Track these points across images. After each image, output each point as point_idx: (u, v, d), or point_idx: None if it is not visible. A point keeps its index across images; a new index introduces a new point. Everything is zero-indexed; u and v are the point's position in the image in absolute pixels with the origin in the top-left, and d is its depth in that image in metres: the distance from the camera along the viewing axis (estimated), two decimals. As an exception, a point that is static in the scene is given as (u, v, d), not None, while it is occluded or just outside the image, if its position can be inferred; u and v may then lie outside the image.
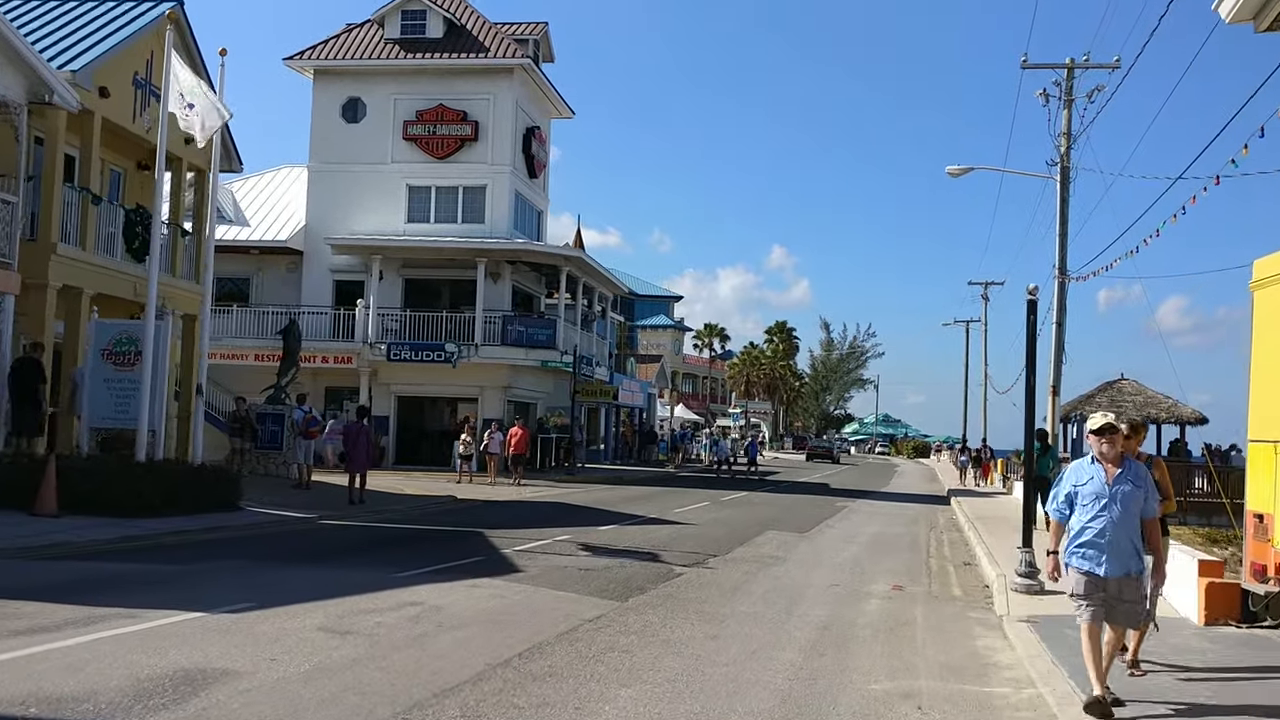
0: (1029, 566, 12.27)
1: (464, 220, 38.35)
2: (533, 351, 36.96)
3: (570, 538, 16.96)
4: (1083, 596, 7.14)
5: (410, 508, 21.64)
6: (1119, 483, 7.09)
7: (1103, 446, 7.16)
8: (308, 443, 22.46)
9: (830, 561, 16.04)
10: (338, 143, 38.91)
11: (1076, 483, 7.28)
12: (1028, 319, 12.37)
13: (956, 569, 16.25)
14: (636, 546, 16.30)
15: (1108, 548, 7.01)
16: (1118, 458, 7.19)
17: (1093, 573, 7.06)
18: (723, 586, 12.60)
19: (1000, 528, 22.15)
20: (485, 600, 10.56)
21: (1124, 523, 7.04)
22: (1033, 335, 12.34)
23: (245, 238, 38.75)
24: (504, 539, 16.42)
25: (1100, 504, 7.06)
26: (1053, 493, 7.51)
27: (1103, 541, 7.02)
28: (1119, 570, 7.04)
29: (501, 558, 14.11)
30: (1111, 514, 7.03)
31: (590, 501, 25.36)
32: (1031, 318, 12.33)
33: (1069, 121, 30.02)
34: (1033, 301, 12.42)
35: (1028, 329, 12.38)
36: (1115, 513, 7.03)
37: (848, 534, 20.93)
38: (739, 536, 18.88)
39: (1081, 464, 7.40)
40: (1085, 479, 7.23)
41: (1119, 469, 7.15)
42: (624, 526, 19.53)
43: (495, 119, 38.29)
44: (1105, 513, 7.04)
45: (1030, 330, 12.36)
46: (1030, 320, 12.33)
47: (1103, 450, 7.17)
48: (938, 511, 29.10)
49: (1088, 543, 7.09)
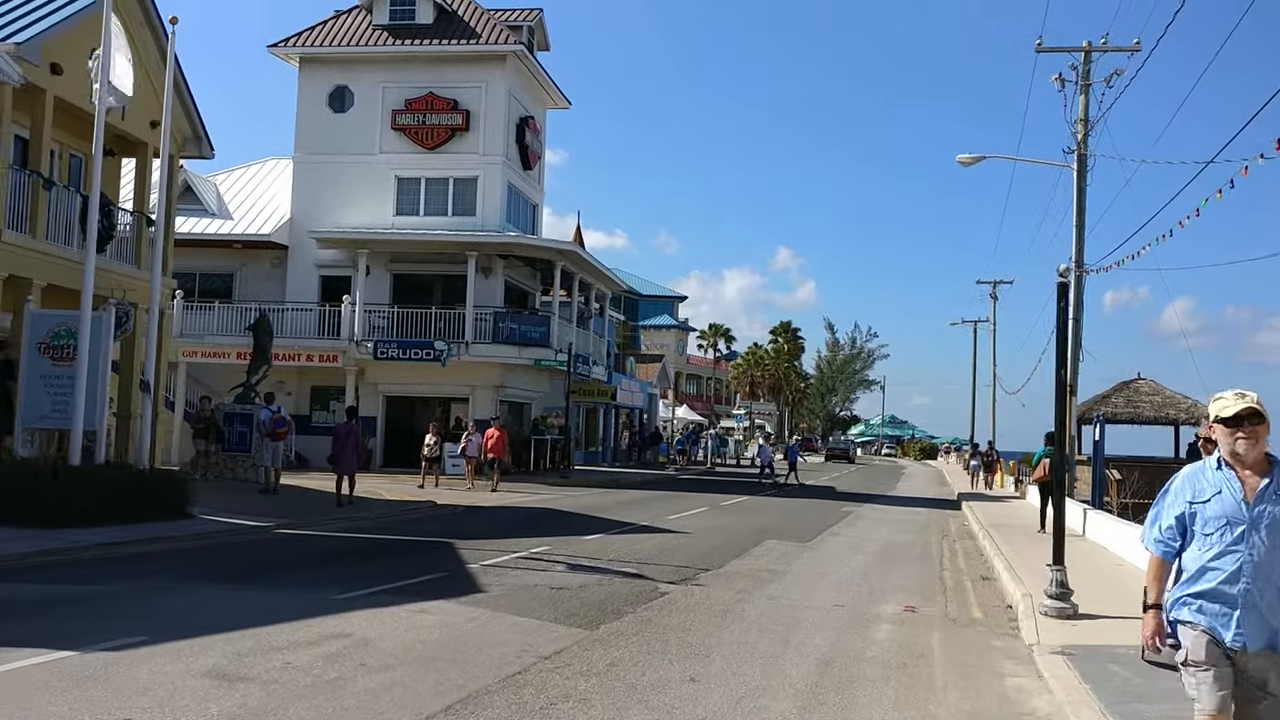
0: (1060, 586, 10.73)
1: (454, 213, 36.87)
2: (526, 350, 35.47)
3: (549, 549, 15.45)
4: (1201, 671, 4.55)
5: (384, 514, 20.15)
6: (1266, 500, 4.53)
7: (1238, 444, 4.56)
8: (275, 444, 20.96)
9: (834, 576, 14.51)
10: (324, 133, 37.45)
11: (1193, 498, 4.69)
12: (1058, 305, 10.84)
13: (974, 584, 14.72)
14: (621, 559, 14.79)
15: (1246, 601, 4.49)
16: (1263, 461, 4.59)
17: (1218, 638, 4.53)
18: (711, 609, 11.08)
19: (1017, 536, 20.63)
20: (428, 630, 9.04)
21: (1274, 563, 4.49)
22: (1064, 323, 10.81)
23: (228, 232, 37.32)
24: (475, 551, 14.92)
25: (1235, 532, 4.52)
26: (1152, 513, 4.95)
27: (1237, 591, 4.50)
28: (1263, 640, 4.49)
29: (465, 574, 12.60)
30: (1254, 549, 4.49)
31: (580, 507, 23.85)
32: (1062, 303, 10.80)
33: (1086, 107, 28.55)
34: (1064, 285, 10.90)
35: (1058, 316, 10.85)
36: (1260, 547, 4.49)
37: (854, 543, 19.40)
38: (736, 547, 17.36)
39: (1200, 470, 4.77)
40: (1207, 493, 4.65)
41: (1266, 479, 4.56)
42: (611, 535, 18.01)
43: (487, 108, 36.80)
44: (1242, 546, 4.51)
45: (1061, 317, 10.84)
46: (1061, 306, 10.80)
47: (1237, 450, 4.57)
48: (948, 517, 27.54)
49: (1213, 592, 4.56)
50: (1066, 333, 10.80)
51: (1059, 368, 10.67)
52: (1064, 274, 10.51)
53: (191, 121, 24.60)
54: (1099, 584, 13.06)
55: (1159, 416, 38.70)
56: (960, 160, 30.64)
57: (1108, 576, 14.05)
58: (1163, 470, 35.55)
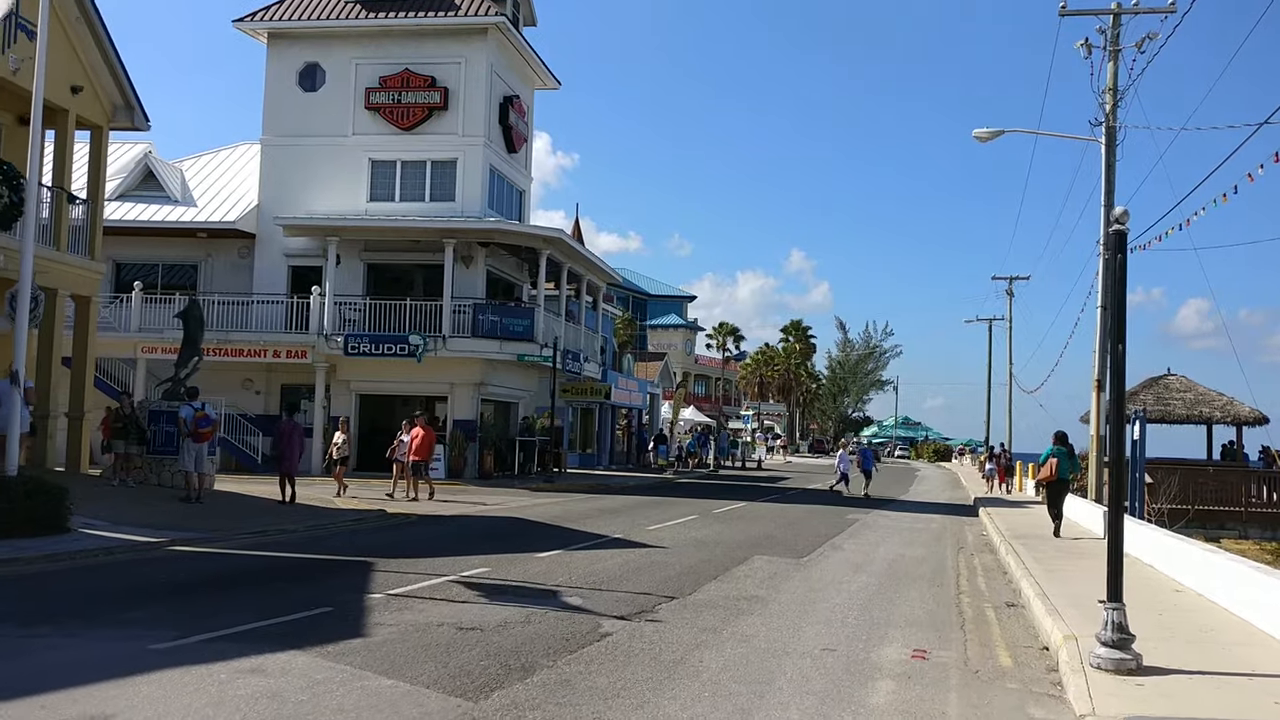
0: (1118, 631, 8.12)
1: (432, 198, 34.37)
2: (508, 344, 32.91)
3: (488, 570, 12.89)
4: None
5: (319, 525, 17.59)
6: None
7: None
8: (199, 446, 18.43)
9: (828, 604, 11.90)
10: (294, 113, 35.01)
11: None
12: (1113, 259, 8.24)
13: (998, 613, 12.10)
14: (570, 584, 12.22)
15: None
16: None
17: None
18: (660, 659, 8.50)
19: (1044, 549, 18.00)
20: (236, 705, 6.48)
21: None
22: (1122, 281, 8.21)
23: (190, 219, 34.89)
24: (393, 574, 12.37)
25: None
26: None
27: None
28: None
29: (357, 609, 10.03)
30: None
31: (552, 516, 21.28)
32: (1120, 256, 8.20)
33: (1115, 75, 25.96)
34: (1120, 234, 8.29)
35: (1115, 274, 8.25)
36: None
37: (856, 559, 16.77)
38: (717, 565, 14.77)
39: None
40: None
41: None
42: (572, 551, 15.43)
43: (467, 85, 34.28)
44: None
45: (1118, 274, 8.23)
46: (1118, 260, 8.19)
47: None
48: (965, 525, 24.87)
49: None
50: (1124, 296, 8.20)
51: (1113, 341, 8.07)
52: (1120, 219, 7.88)
53: (121, 86, 22.15)
54: (1159, 620, 10.42)
55: (1191, 415, 35.93)
56: (977, 135, 28.03)
57: (1167, 608, 11.38)
58: (1199, 474, 32.96)
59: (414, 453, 22.32)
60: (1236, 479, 33.32)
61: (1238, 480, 33.16)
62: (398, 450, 22.72)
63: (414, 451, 22.32)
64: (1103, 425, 25.96)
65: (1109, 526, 8.13)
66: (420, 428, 22.38)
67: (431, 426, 23.30)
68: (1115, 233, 8.34)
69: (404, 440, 22.28)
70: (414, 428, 22.50)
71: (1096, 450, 25.47)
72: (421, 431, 22.34)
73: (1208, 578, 11.94)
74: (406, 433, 22.35)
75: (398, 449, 22.74)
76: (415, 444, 22.38)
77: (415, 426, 22.48)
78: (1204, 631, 9.90)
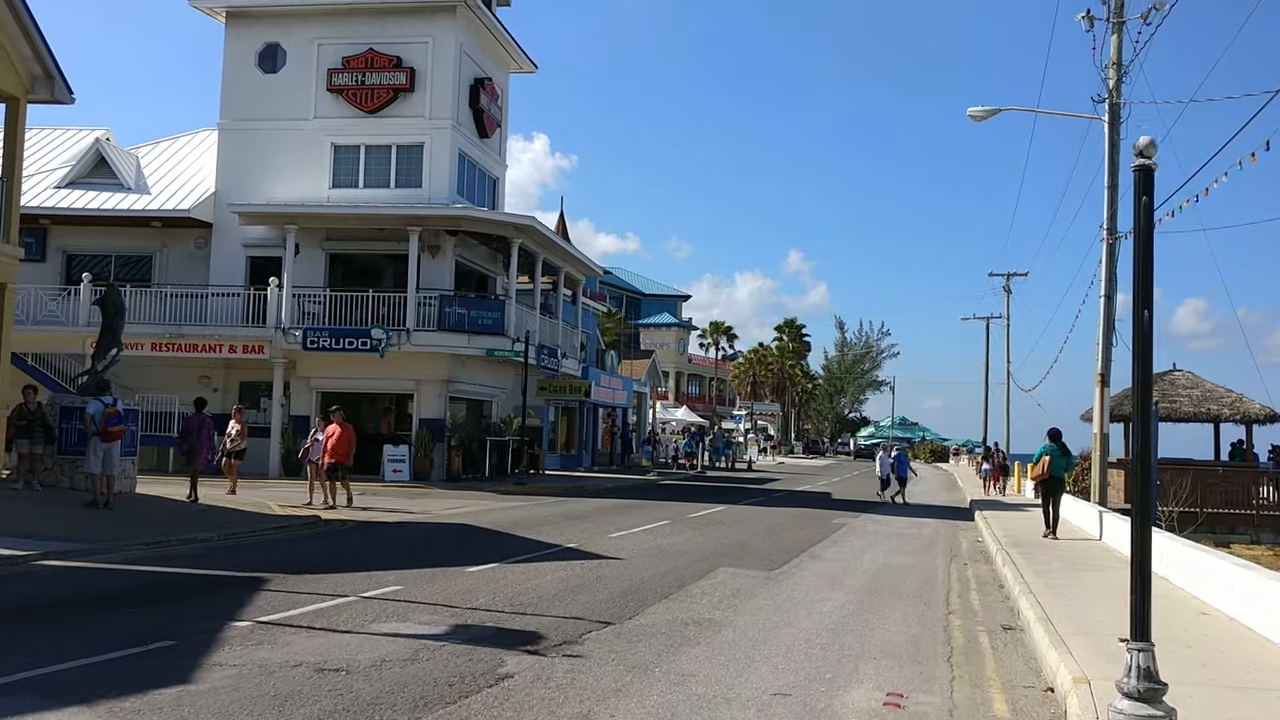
0: (1147, 680, 6.29)
1: (398, 184, 32.52)
2: (476, 338, 31.06)
3: (395, 591, 11.05)
4: None
5: (232, 533, 15.70)
6: None
7: None
8: (107, 446, 16.56)
9: (793, 632, 10.08)
10: (253, 96, 33.20)
11: None
12: (1137, 204, 6.43)
13: (993, 639, 10.30)
14: (490, 606, 10.40)
15: None
16: None
17: None
18: (559, 714, 6.68)
19: (1044, 558, 16.21)
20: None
21: None
22: (1148, 231, 6.39)
23: (143, 207, 33.04)
24: (279, 595, 10.54)
25: None
26: None
27: None
28: None
29: (203, 643, 8.18)
30: None
31: (507, 523, 19.45)
32: (1145, 199, 6.39)
33: (1119, 48, 24.28)
34: (1146, 170, 6.48)
35: (1141, 222, 6.43)
36: None
37: (836, 570, 14.95)
38: (674, 580, 12.95)
39: None
40: None
41: None
42: (510, 565, 13.59)
43: (434, 65, 32.44)
44: None
45: (1143, 222, 6.41)
46: (1143, 204, 6.38)
47: None
48: (959, 530, 23.07)
49: None
50: (1150, 248, 6.39)
51: (1139, 305, 6.26)
52: (1145, 151, 6.07)
53: (39, 55, 20.29)
54: (1190, 654, 8.59)
55: (1198, 412, 34.08)
56: (971, 114, 26.31)
57: (1196, 638, 9.53)
58: (1208, 475, 31.12)
59: (329, 453, 20.01)
60: (1247, 480, 31.52)
61: (1248, 482, 31.36)
62: (311, 451, 20.67)
63: (329, 452, 20.01)
64: (1106, 423, 24.19)
65: (1134, 543, 6.32)
66: (338, 425, 20.02)
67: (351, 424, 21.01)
68: (1140, 169, 6.52)
69: (319, 440, 20.23)
70: (330, 425, 20.14)
71: (1101, 449, 23.70)
72: (339, 429, 19.95)
73: (1242, 598, 10.11)
74: (321, 431, 20.28)
75: (311, 449, 20.69)
76: (331, 443, 20.07)
77: (332, 424, 20.14)
78: (1249, 671, 8.07)
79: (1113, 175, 24.15)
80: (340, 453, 19.64)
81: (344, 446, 19.62)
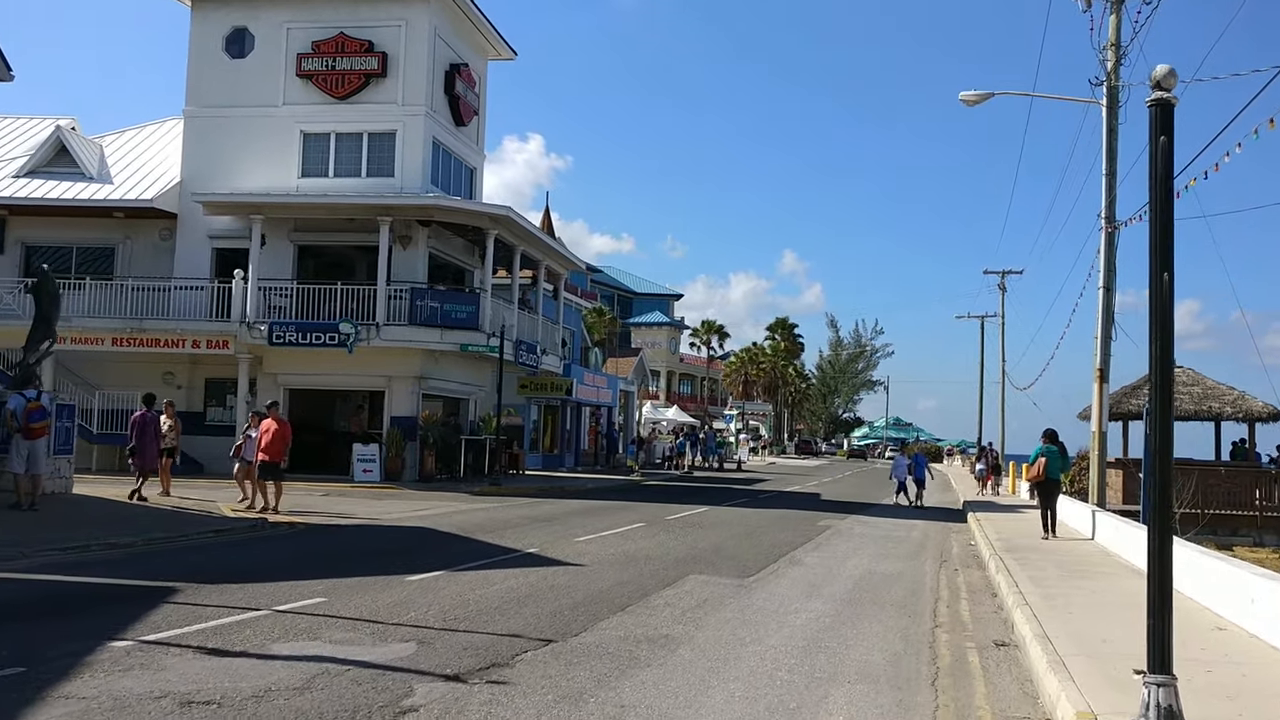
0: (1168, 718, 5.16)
1: (369, 173, 31.30)
2: (449, 333, 29.85)
3: (317, 603, 9.89)
4: None
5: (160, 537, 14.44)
6: None
7: None
8: (31, 444, 15.36)
9: (759, 650, 8.94)
10: (220, 82, 31.98)
11: None
12: (1154, 146, 5.31)
13: (984, 658, 9.18)
14: (419, 622, 9.24)
15: None
16: None
17: None
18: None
19: (1040, 564, 15.09)
20: None
21: None
22: (1167, 176, 5.27)
23: (105, 197, 31.81)
24: (182, 609, 9.37)
25: None
26: None
27: None
28: None
29: (61, 669, 6.99)
30: None
31: (470, 526, 18.28)
32: (1164, 139, 5.26)
33: (1118, 28, 23.29)
34: (1164, 105, 5.35)
35: (1158, 166, 5.30)
36: None
37: (815, 577, 13.81)
38: (635, 589, 11.81)
39: None
40: None
41: None
42: (456, 573, 12.42)
43: (407, 49, 31.24)
44: None
45: (1162, 166, 5.29)
46: (1161, 145, 5.26)
47: None
48: (951, 533, 21.95)
49: None
50: (1170, 196, 5.27)
51: (1161, 268, 5.14)
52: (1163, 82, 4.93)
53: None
54: (1210, 679, 7.45)
55: (1199, 410, 32.98)
56: (964, 98, 25.29)
57: (1215, 659, 8.38)
58: (1210, 475, 30.03)
59: (263, 450, 18.38)
60: (1250, 481, 30.45)
61: (1251, 482, 30.28)
62: (245, 449, 19.31)
63: (263, 449, 18.39)
64: (1105, 421, 23.10)
65: (1152, 556, 5.20)
66: (273, 420, 18.46)
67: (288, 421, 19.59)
68: (1158, 103, 5.40)
69: (252, 436, 18.89)
70: (265, 420, 18.52)
71: (1099, 449, 22.59)
72: (275, 426, 18.55)
73: (1266, 612, 8.97)
74: (255, 427, 18.96)
75: (245, 447, 19.34)
76: (265, 440, 18.45)
77: (268, 419, 18.54)
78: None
79: (1110, 161, 23.17)
80: (275, 450, 18.16)
81: (279, 444, 18.21)
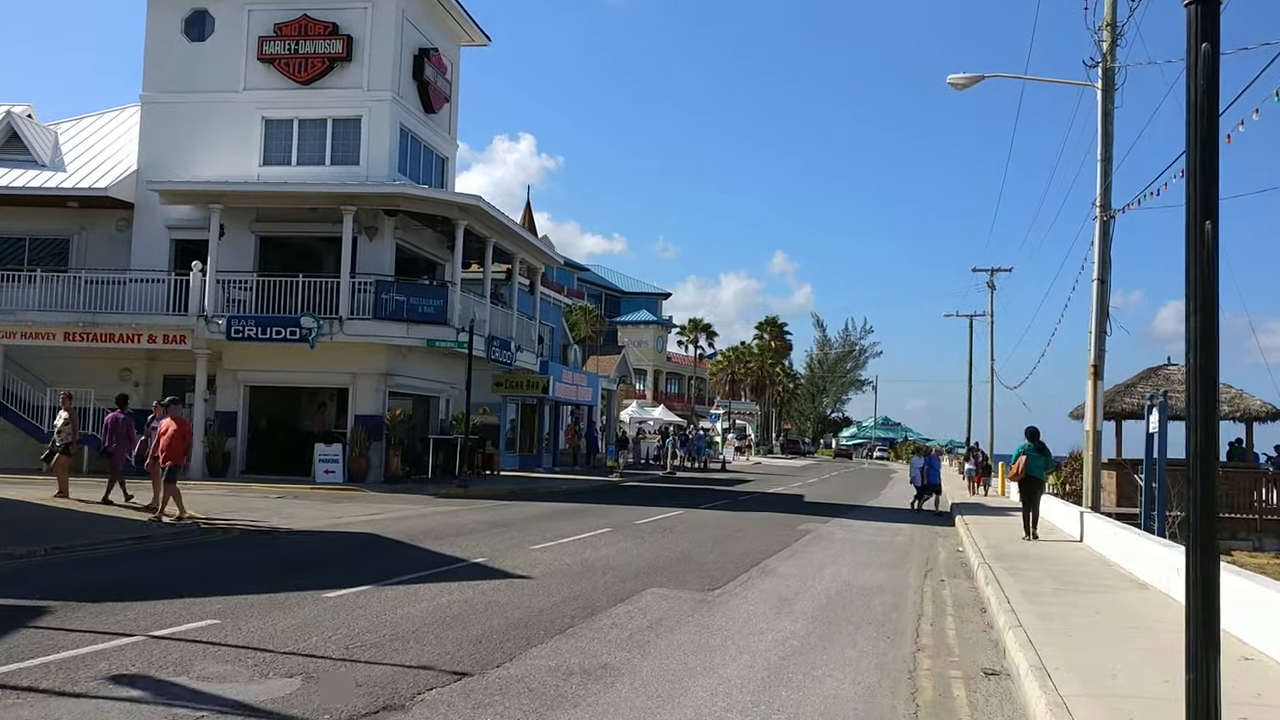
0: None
1: (334, 161, 29.98)
2: (416, 327, 28.52)
3: (204, 627, 8.61)
4: None
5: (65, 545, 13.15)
6: None
7: None
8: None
9: (713, 680, 7.69)
10: (179, 67, 30.63)
11: None
12: (1192, 59, 4.09)
13: (970, 690, 7.97)
14: (316, 650, 7.97)
15: None
16: None
17: None
18: None
19: (1034, 575, 13.85)
20: None
21: None
22: (1212, 98, 4.06)
23: (58, 185, 30.43)
24: (43, 634, 8.09)
25: None
26: None
27: None
28: None
29: None
30: None
31: (420, 531, 16.99)
32: (1206, 47, 4.02)
33: (1113, 7, 22.28)
34: (1208, 4, 4.14)
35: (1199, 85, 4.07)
36: None
37: (787, 590, 12.56)
38: (583, 605, 10.55)
39: None
40: None
41: None
42: (384, 587, 11.13)
43: (374, 32, 29.94)
44: None
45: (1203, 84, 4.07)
46: (1203, 54, 4.04)
47: None
48: (938, 538, 20.74)
49: None
50: (1216, 124, 4.05)
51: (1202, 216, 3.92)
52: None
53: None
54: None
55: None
56: (952, 81, 24.10)
57: (1246, 696, 7.04)
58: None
59: (162, 452, 16.62)
60: (1248, 482, 29.32)
61: (1249, 484, 29.16)
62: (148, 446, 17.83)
63: (162, 449, 16.62)
64: (1099, 420, 21.95)
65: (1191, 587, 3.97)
66: (172, 419, 16.78)
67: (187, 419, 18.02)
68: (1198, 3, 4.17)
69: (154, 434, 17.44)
70: (165, 418, 16.77)
71: (1093, 448, 21.45)
72: (173, 425, 16.76)
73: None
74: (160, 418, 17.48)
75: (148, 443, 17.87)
76: (163, 441, 16.68)
77: (166, 417, 16.79)
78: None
79: (1106, 147, 22.10)
80: (175, 452, 16.44)
81: (178, 445, 16.56)
